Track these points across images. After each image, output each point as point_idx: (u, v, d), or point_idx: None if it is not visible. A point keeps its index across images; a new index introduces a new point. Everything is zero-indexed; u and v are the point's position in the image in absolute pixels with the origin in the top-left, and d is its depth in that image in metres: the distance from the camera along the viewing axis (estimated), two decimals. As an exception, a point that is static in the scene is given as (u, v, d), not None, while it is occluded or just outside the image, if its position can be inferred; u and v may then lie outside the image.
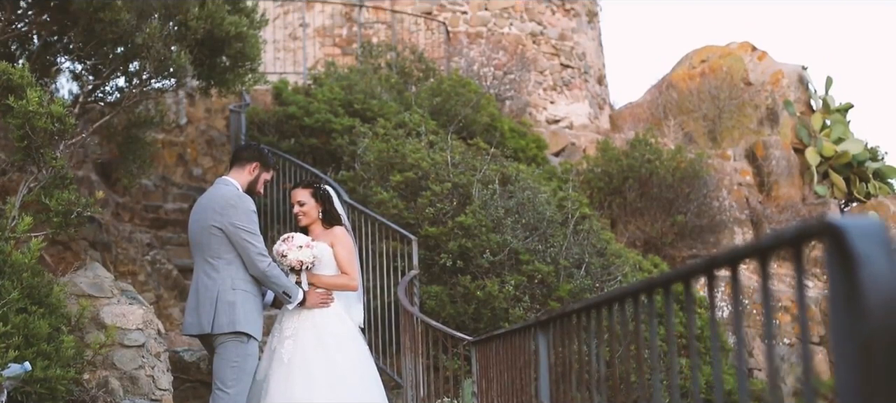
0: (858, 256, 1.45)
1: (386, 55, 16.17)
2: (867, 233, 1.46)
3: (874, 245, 1.45)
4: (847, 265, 1.47)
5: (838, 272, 1.49)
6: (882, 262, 1.44)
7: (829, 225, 1.50)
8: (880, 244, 1.45)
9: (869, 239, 1.46)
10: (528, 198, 10.72)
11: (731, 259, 1.96)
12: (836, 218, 1.50)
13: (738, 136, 20.18)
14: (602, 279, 10.55)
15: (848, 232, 1.47)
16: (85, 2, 8.08)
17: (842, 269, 1.48)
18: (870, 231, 1.46)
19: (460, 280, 9.86)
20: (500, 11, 20.16)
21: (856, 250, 1.45)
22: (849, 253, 1.46)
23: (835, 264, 1.50)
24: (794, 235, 1.65)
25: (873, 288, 1.43)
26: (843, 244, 1.47)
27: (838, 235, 1.48)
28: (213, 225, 6.51)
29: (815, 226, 1.57)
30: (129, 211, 12.46)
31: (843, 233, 1.47)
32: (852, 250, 1.46)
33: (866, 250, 1.45)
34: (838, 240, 1.48)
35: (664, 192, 15.06)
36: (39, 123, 6.88)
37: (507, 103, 17.82)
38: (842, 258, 1.48)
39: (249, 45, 9.72)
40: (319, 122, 12.75)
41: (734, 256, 1.94)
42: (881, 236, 1.46)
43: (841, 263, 1.48)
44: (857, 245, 1.45)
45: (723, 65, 21.16)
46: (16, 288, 6.23)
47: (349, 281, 7.01)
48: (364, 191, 11.09)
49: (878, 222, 1.48)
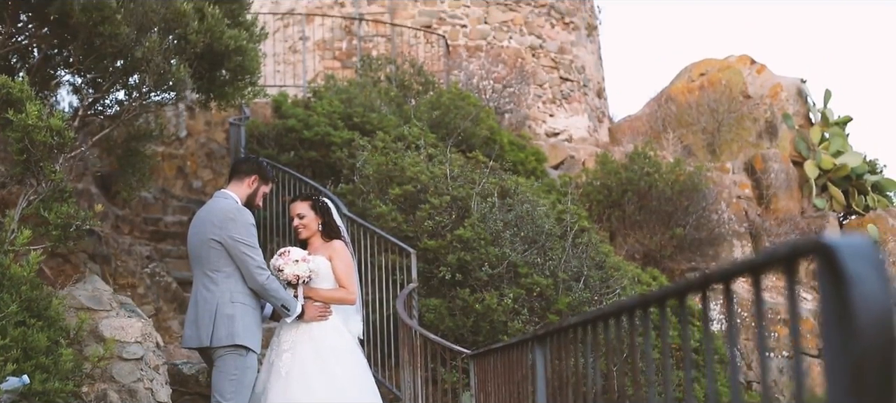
0: (850, 275, 1.46)
1: (385, 68, 16.20)
2: (858, 253, 1.47)
3: (865, 264, 1.46)
4: (838, 284, 1.48)
5: (830, 290, 1.50)
6: (873, 281, 1.45)
7: (821, 244, 1.51)
8: (871, 263, 1.47)
9: (860, 259, 1.47)
10: (527, 211, 10.73)
11: (725, 276, 1.97)
12: (827, 237, 1.51)
13: (737, 149, 20.21)
14: (601, 292, 10.56)
15: (839, 251, 1.48)
16: (85, 15, 8.10)
17: (833, 288, 1.49)
18: (861, 250, 1.48)
19: (459, 293, 9.86)
20: (499, 25, 20.20)
21: (847, 269, 1.46)
22: (840, 272, 1.47)
23: (827, 283, 1.51)
24: (787, 253, 1.66)
25: (864, 307, 1.44)
26: (834, 263, 1.49)
27: (830, 254, 1.49)
28: (212, 238, 6.52)
29: (807, 245, 1.58)
30: (128, 223, 12.46)
31: (835, 253, 1.48)
32: (844, 269, 1.47)
33: (857, 269, 1.46)
34: (830, 259, 1.49)
35: (663, 205, 15.07)
36: (39, 137, 6.90)
37: (507, 116, 17.85)
38: (833, 277, 1.49)
39: (249, 59, 9.73)
40: (319, 135, 12.77)
41: (728, 273, 1.96)
42: (872, 255, 1.47)
43: (833, 282, 1.50)
44: (849, 264, 1.47)
45: (722, 78, 21.19)
46: (14, 301, 6.24)
47: (347, 294, 7.02)
48: (363, 204, 11.10)
49: (870, 241, 1.50)
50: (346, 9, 19.88)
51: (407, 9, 19.74)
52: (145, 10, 8.45)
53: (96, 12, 8.10)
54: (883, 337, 1.43)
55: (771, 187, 18.95)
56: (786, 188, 19.11)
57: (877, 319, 1.43)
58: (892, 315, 1.44)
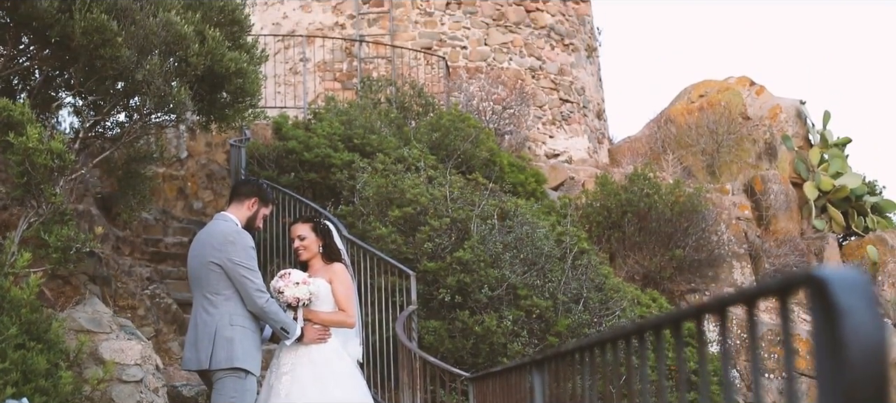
0: (841, 308, 1.47)
1: (386, 90, 16.24)
2: (850, 285, 1.49)
3: (857, 297, 1.48)
4: (830, 316, 1.49)
5: (822, 322, 1.51)
6: (864, 314, 1.46)
7: (813, 277, 1.52)
8: (863, 296, 1.48)
9: (851, 291, 1.48)
10: (527, 233, 10.74)
11: (719, 305, 1.98)
12: (819, 269, 1.52)
13: (737, 171, 20.24)
14: (600, 314, 10.57)
15: (831, 283, 1.49)
16: (85, 38, 8.13)
17: (825, 320, 1.51)
18: (852, 283, 1.49)
19: (459, 315, 9.87)
20: (499, 46, 20.26)
21: (839, 302, 1.47)
22: (832, 305, 1.48)
23: (819, 315, 1.52)
24: (780, 284, 1.67)
25: (856, 339, 1.45)
26: (826, 295, 1.50)
27: (821, 286, 1.51)
28: (212, 261, 6.53)
29: (799, 277, 1.59)
30: (129, 244, 12.46)
31: (826, 285, 1.50)
32: (835, 301, 1.48)
33: (849, 302, 1.47)
34: (821, 292, 1.51)
35: (663, 226, 15.08)
36: (39, 160, 6.92)
37: (507, 138, 17.87)
38: (825, 309, 1.50)
39: (249, 81, 9.76)
40: (319, 157, 12.78)
41: (723, 302, 1.97)
42: (863, 288, 1.48)
43: (825, 314, 1.51)
44: (840, 297, 1.48)
45: (721, 99, 21.24)
46: (14, 323, 6.25)
47: (346, 318, 7.02)
48: (363, 226, 11.11)
49: (861, 273, 1.51)
50: (346, 30, 19.95)
51: (407, 30, 19.80)
52: (146, 33, 8.49)
53: (97, 35, 8.14)
54: (874, 369, 1.44)
55: (770, 208, 18.98)
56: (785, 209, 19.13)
57: (868, 351, 1.45)
58: (884, 347, 1.45)
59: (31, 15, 8.22)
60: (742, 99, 21.55)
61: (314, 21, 20.31)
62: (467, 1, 20.25)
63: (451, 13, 20.08)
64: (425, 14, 19.98)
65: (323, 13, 20.34)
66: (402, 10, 19.95)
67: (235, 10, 10.11)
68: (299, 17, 20.55)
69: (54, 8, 8.11)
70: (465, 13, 20.18)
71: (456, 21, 20.06)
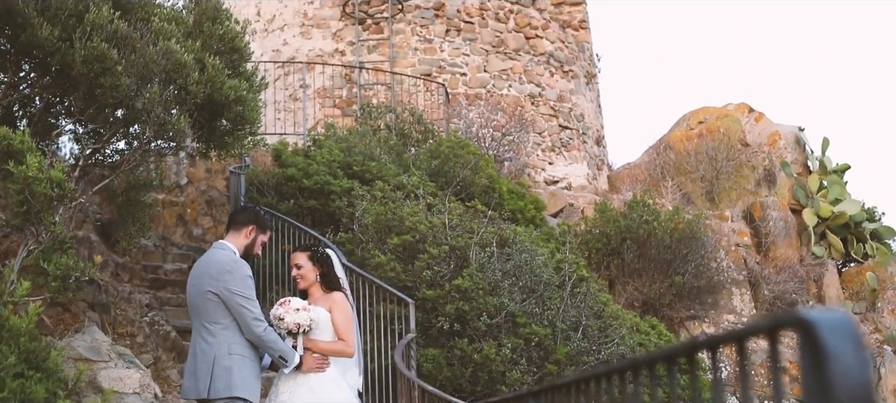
0: (829, 351, 1.49)
1: (385, 116, 16.27)
2: (837, 328, 1.50)
3: (844, 339, 1.49)
4: (818, 358, 1.51)
5: (810, 364, 1.53)
6: (851, 357, 1.48)
7: (801, 319, 1.54)
8: (850, 338, 1.50)
9: (839, 334, 1.50)
10: (526, 260, 10.75)
11: (711, 343, 2.00)
12: (808, 312, 1.54)
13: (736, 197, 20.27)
14: (599, 341, 10.57)
15: (818, 326, 1.51)
16: (86, 67, 8.17)
17: (813, 361, 1.52)
18: (840, 325, 1.51)
19: (457, 343, 9.87)
20: (499, 73, 20.32)
21: (826, 344, 1.49)
22: (819, 347, 1.50)
23: (807, 356, 1.54)
24: (769, 325, 1.69)
25: (843, 381, 1.47)
26: (813, 338, 1.51)
27: (809, 329, 1.52)
28: (209, 290, 6.54)
29: (787, 318, 1.61)
30: (128, 271, 12.47)
31: (814, 327, 1.51)
32: (823, 344, 1.50)
33: (836, 345, 1.49)
34: (809, 334, 1.52)
35: (662, 253, 15.10)
36: (39, 189, 6.95)
37: (506, 164, 17.90)
38: (813, 350, 1.52)
39: (249, 109, 9.80)
40: (318, 184, 12.80)
41: (715, 341, 1.99)
42: (851, 331, 1.50)
43: (813, 356, 1.52)
44: (828, 339, 1.50)
45: (720, 126, 21.29)
46: (13, 352, 6.25)
47: (345, 347, 7.02)
48: (362, 253, 11.12)
49: (848, 316, 1.53)
50: (346, 57, 20.01)
51: (407, 57, 19.86)
52: (146, 62, 8.53)
53: (97, 64, 8.18)
54: (861, 411, 1.46)
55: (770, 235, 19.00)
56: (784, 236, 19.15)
57: (855, 393, 1.46)
58: (869, 389, 1.47)
59: (31, 43, 8.27)
60: (741, 125, 21.60)
61: (314, 47, 20.38)
62: (467, 28, 20.32)
63: (451, 40, 20.15)
64: (425, 41, 20.05)
65: (323, 40, 20.41)
66: (402, 37, 20.02)
67: (235, 38, 10.16)
68: (299, 43, 20.63)
69: (55, 36, 8.16)
70: (465, 40, 20.25)
71: (455, 48, 20.13)
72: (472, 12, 20.43)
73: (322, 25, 20.47)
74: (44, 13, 8.17)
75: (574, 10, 21.74)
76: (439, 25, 20.16)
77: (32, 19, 8.07)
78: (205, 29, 9.81)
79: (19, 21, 8.13)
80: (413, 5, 20.18)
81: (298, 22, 20.78)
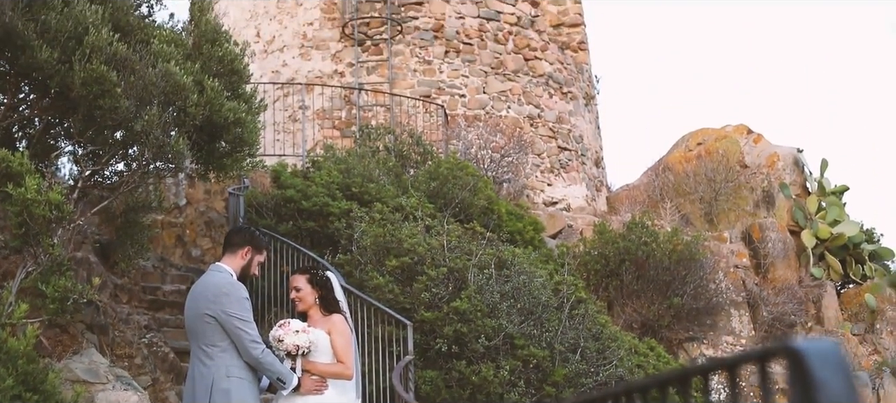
0: (817, 380, 1.50)
1: (384, 138, 16.29)
2: (826, 358, 1.51)
3: (832, 369, 1.50)
4: (807, 388, 1.52)
5: (799, 394, 1.54)
6: (839, 387, 1.49)
7: (789, 349, 1.55)
8: (838, 368, 1.51)
9: (827, 364, 1.51)
10: (524, 282, 10.76)
11: (703, 371, 2.01)
12: (796, 341, 1.55)
13: (735, 218, 20.28)
14: (597, 363, 10.57)
15: (807, 355, 1.52)
16: (85, 89, 8.20)
17: (802, 391, 1.53)
18: (828, 355, 1.52)
19: (456, 365, 9.87)
20: (498, 95, 20.35)
21: (814, 374, 1.50)
22: (808, 377, 1.51)
23: (795, 385, 1.55)
24: (759, 355, 1.70)
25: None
26: (802, 367, 1.53)
27: (798, 358, 1.53)
28: (206, 313, 6.55)
29: (777, 348, 1.62)
30: (126, 292, 12.46)
31: (802, 357, 1.52)
32: (811, 374, 1.51)
33: (824, 375, 1.50)
34: (797, 363, 1.53)
35: (661, 275, 15.11)
36: (37, 211, 6.96)
37: (505, 186, 17.92)
38: (802, 380, 1.53)
39: (248, 131, 9.82)
40: (317, 206, 12.80)
41: (706, 369, 2.00)
42: (839, 361, 1.51)
43: (801, 385, 1.53)
44: (816, 369, 1.50)
45: (719, 147, 21.32)
46: (11, 374, 6.26)
47: (344, 369, 7.02)
48: (360, 275, 11.12)
49: (836, 346, 1.54)
50: (345, 78, 20.05)
51: (406, 78, 19.90)
52: (145, 84, 8.55)
53: (96, 86, 8.20)
54: (849, 442, 1.47)
55: (768, 256, 19.00)
56: (783, 257, 19.16)
57: (843, 423, 1.47)
58: (857, 419, 1.48)
59: (31, 65, 8.30)
60: (740, 146, 21.63)
61: (313, 69, 20.43)
62: (466, 49, 20.37)
63: (450, 61, 20.19)
64: (424, 62, 20.09)
65: (322, 61, 20.46)
66: (401, 58, 20.07)
67: (235, 60, 10.18)
68: (299, 64, 20.68)
69: (54, 58, 8.19)
70: (464, 61, 20.29)
71: (454, 69, 20.17)
72: (471, 34, 20.48)
73: (321, 47, 20.53)
74: (43, 35, 8.20)
75: (573, 31, 21.80)
76: (438, 47, 20.21)
77: (32, 41, 8.10)
78: (204, 51, 9.84)
79: (19, 43, 8.15)
80: (412, 27, 20.24)
81: (298, 43, 20.84)
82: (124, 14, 9.02)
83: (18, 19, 8.02)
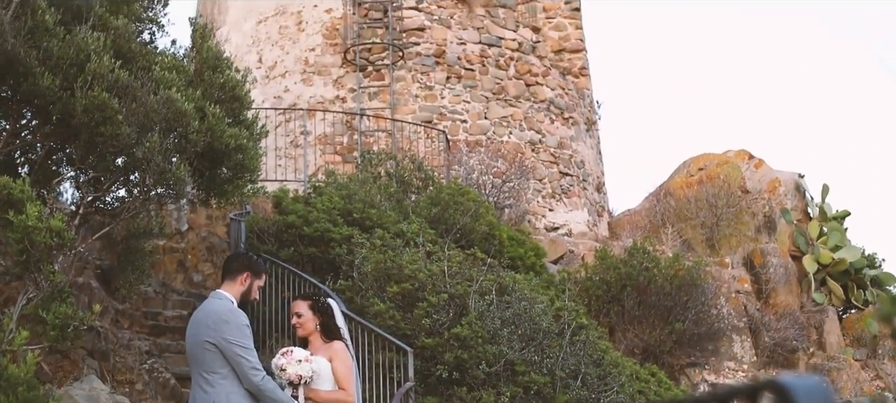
0: (803, 415, 1.52)
1: (386, 163, 16.30)
2: (811, 393, 1.54)
3: None
4: (794, 423, 1.54)
5: (786, 428, 1.56)
6: (825, 422, 1.51)
7: (777, 384, 1.57)
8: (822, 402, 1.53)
9: (813, 399, 1.53)
10: (525, 308, 10.76)
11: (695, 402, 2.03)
12: (783, 377, 1.57)
13: (736, 244, 20.28)
14: (599, 390, 10.56)
15: (793, 391, 1.54)
16: (86, 116, 8.23)
17: (789, 426, 1.55)
18: (813, 390, 1.54)
19: (456, 391, 9.87)
20: (499, 120, 20.39)
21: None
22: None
23: (783, 420, 1.57)
24: (748, 389, 1.72)
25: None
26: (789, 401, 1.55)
27: (785, 393, 1.56)
28: (207, 340, 6.55)
29: (765, 383, 1.64)
30: (128, 317, 12.46)
31: (789, 392, 1.55)
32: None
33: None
34: (785, 398, 1.56)
35: (662, 300, 15.08)
36: (38, 238, 6.98)
37: (506, 211, 17.93)
38: (789, 415, 1.55)
39: (249, 157, 9.84)
40: (318, 231, 12.80)
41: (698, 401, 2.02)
42: (825, 396, 1.53)
43: (788, 420, 1.56)
44: None
45: (720, 172, 21.34)
46: (11, 402, 6.26)
47: (346, 397, 7.02)
48: (361, 301, 11.12)
49: (823, 381, 1.56)
50: (347, 104, 20.10)
51: (408, 104, 19.95)
52: (147, 111, 8.58)
53: (98, 113, 8.24)
54: (835, 476, 1.48)
55: (770, 282, 19.00)
56: (785, 282, 19.15)
57: (829, 458, 1.49)
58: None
59: (33, 92, 8.33)
60: (741, 172, 21.66)
61: (315, 94, 20.48)
62: (467, 75, 20.42)
63: (452, 87, 20.25)
64: (425, 88, 20.15)
65: (324, 86, 20.51)
66: (403, 83, 20.12)
67: (236, 86, 10.21)
68: (300, 90, 20.73)
69: (56, 85, 8.22)
70: (466, 87, 20.34)
71: (456, 95, 20.22)
72: (472, 59, 20.54)
73: (323, 72, 20.59)
74: (45, 62, 8.24)
75: (574, 57, 21.86)
76: (440, 72, 20.27)
77: (34, 68, 8.14)
78: (205, 78, 9.87)
79: (21, 70, 8.19)
80: (414, 52, 20.30)
81: (300, 69, 20.90)
82: (126, 41, 9.05)
83: (21, 46, 8.06)
